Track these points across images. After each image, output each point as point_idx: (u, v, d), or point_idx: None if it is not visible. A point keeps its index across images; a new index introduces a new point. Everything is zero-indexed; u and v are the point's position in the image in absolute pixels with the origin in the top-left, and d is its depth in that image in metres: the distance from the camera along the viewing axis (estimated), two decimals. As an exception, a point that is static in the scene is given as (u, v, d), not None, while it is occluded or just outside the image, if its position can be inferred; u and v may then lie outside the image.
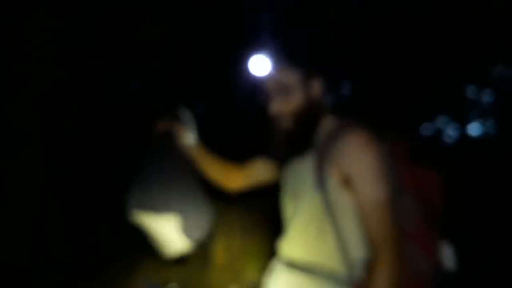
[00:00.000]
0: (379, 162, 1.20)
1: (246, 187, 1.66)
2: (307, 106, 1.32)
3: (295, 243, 1.35)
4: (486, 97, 6.16)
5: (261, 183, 1.64)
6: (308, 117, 1.32)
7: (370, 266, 1.20)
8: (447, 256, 1.32)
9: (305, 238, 1.30)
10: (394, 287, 1.15)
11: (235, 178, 1.64)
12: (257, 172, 1.60)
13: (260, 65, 1.44)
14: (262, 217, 3.09)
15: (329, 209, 1.23)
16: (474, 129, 6.49)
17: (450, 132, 6.24)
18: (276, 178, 1.53)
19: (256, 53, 1.47)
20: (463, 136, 6.33)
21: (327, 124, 1.34)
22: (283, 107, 1.33)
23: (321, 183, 1.24)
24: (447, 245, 1.33)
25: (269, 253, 1.47)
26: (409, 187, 1.30)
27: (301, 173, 1.33)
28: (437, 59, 4.38)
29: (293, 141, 1.34)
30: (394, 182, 1.26)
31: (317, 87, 1.33)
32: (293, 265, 1.33)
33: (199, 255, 3.37)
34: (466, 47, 4.33)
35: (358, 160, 1.20)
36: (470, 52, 4.42)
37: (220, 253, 3.37)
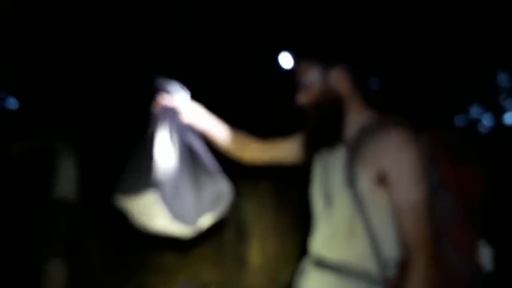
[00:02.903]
0: (418, 162, 1.18)
1: (261, 161, 1.63)
2: (326, 98, 1.30)
3: (326, 241, 1.32)
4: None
5: (278, 162, 1.61)
6: (329, 109, 1.31)
7: (404, 266, 1.16)
8: (486, 256, 1.27)
9: (336, 236, 1.27)
10: None
11: (250, 149, 1.61)
12: (280, 148, 1.58)
13: (287, 60, 1.45)
14: (297, 219, 3.07)
15: (360, 207, 1.20)
16: (510, 118, 6.30)
17: (485, 122, 6.09)
18: (295, 162, 1.52)
19: (283, 49, 1.47)
20: (499, 125, 6.17)
21: (362, 118, 1.32)
22: (305, 98, 1.34)
23: (352, 179, 1.21)
24: (485, 244, 1.28)
25: (304, 256, 1.45)
26: (449, 183, 1.25)
27: (332, 167, 1.30)
28: (469, 48, 4.27)
29: (317, 132, 1.33)
30: (432, 180, 1.22)
31: (336, 79, 1.31)
32: (323, 264, 1.29)
33: (235, 258, 3.38)
34: (499, 34, 4.20)
35: (398, 159, 1.17)
36: (502, 39, 4.29)
37: (255, 256, 3.36)
